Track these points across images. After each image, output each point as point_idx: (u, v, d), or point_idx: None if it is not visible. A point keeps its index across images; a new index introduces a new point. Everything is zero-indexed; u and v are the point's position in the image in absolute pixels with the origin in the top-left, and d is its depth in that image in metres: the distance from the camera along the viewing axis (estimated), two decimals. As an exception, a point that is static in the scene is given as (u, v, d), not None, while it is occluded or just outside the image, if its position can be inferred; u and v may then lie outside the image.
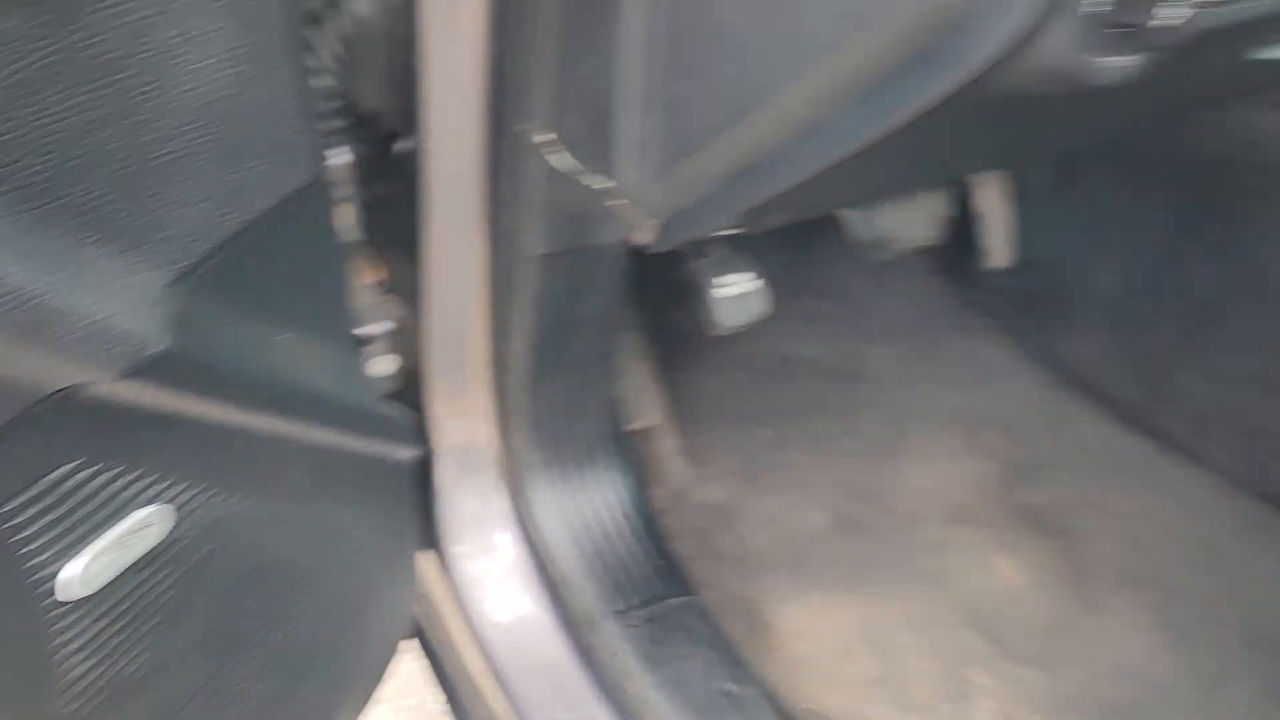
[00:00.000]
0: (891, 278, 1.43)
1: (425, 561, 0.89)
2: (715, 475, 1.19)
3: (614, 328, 0.89)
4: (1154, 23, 0.51)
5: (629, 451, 1.00)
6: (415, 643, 0.91)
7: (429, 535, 0.88)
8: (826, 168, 0.62)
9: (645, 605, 0.87)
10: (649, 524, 0.94)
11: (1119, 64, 0.52)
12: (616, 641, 0.85)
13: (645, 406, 1.13)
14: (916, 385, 1.32)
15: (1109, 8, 0.50)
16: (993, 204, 1.31)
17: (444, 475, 0.88)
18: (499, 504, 0.89)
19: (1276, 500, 1.16)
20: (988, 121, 0.68)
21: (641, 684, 0.82)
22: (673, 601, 0.88)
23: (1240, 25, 0.56)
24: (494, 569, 0.87)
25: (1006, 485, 1.20)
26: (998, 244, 1.34)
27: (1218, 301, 1.18)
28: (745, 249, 0.94)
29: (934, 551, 1.12)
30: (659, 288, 1.10)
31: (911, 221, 1.18)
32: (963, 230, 1.36)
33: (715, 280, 0.88)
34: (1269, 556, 1.12)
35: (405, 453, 0.82)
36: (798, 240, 1.44)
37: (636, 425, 1.12)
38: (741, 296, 0.88)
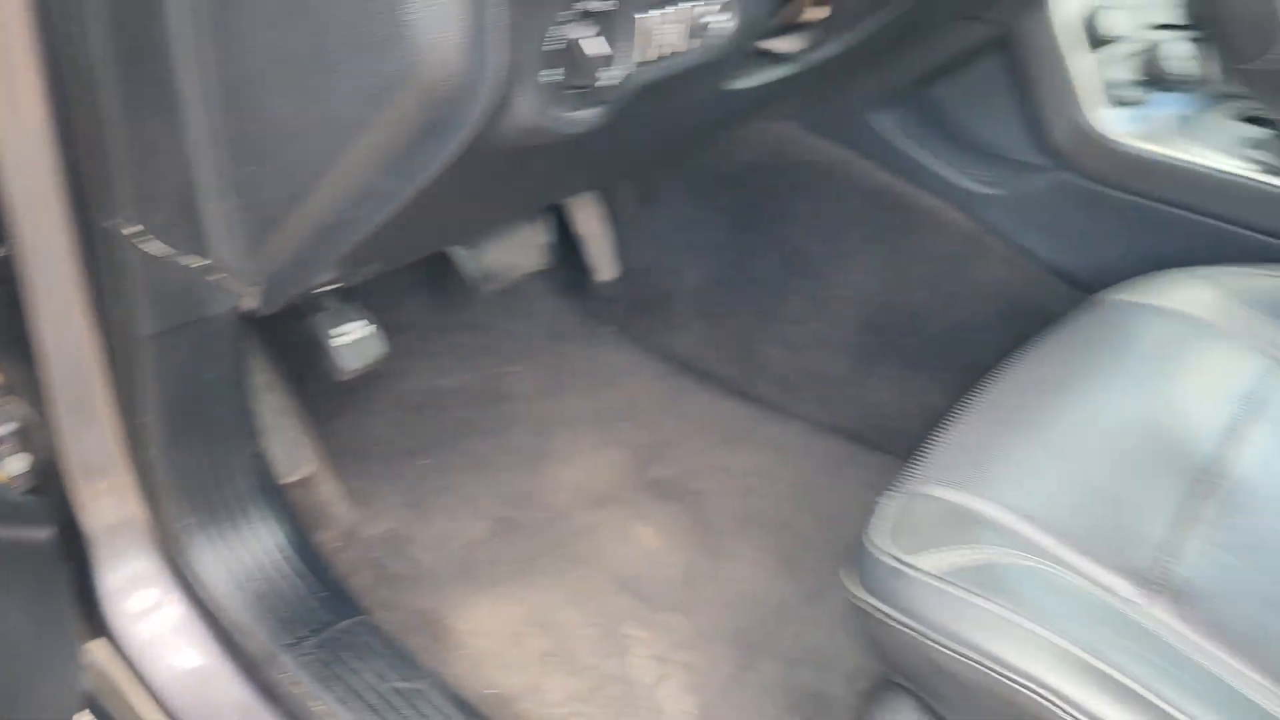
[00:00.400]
0: (516, 303, 1.58)
1: (95, 641, 0.92)
2: (382, 509, 1.28)
3: (245, 389, 0.96)
4: (600, 84, 0.67)
5: (287, 503, 1.07)
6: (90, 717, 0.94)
7: (93, 614, 0.91)
8: (387, 223, 0.74)
9: (316, 634, 0.95)
10: (312, 562, 1.02)
11: (581, 116, 0.68)
12: (294, 671, 0.92)
13: (300, 458, 1.20)
14: (554, 395, 1.48)
15: (561, 78, 0.66)
16: (591, 226, 1.50)
17: (99, 554, 0.92)
18: (159, 570, 0.94)
19: (853, 436, 1.42)
20: (523, 166, 0.83)
21: (323, 704, 0.90)
22: (342, 625, 0.97)
23: (672, 78, 0.74)
24: (164, 631, 0.92)
25: (639, 466, 1.38)
26: (602, 260, 1.53)
27: (778, 282, 1.42)
28: (367, 297, 1.05)
29: (584, 534, 1.27)
30: (295, 344, 1.19)
31: (516, 252, 1.33)
32: (570, 252, 1.53)
33: (332, 330, 0.98)
34: (851, 483, 1.37)
35: (50, 540, 0.85)
36: (431, 281, 1.56)
37: (293, 477, 1.19)
38: (357, 342, 0.98)
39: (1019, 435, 0.85)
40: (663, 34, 0.70)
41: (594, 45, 0.64)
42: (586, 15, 0.65)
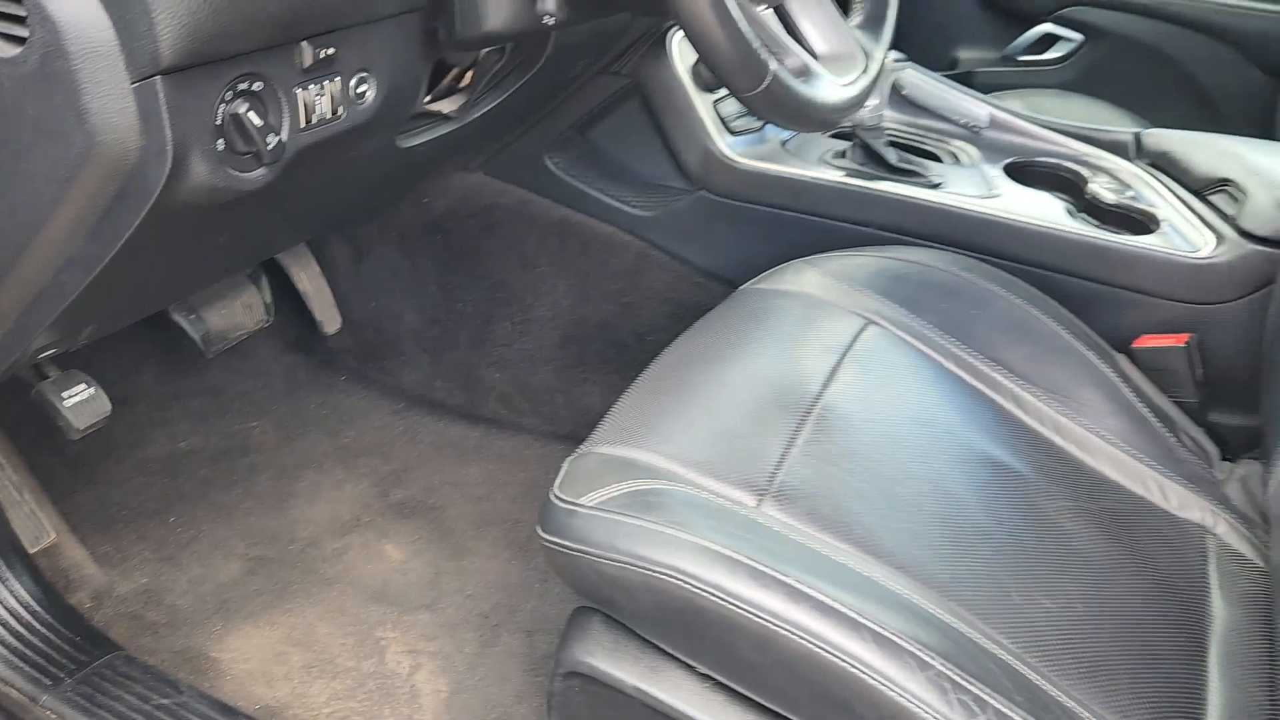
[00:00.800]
0: (248, 364, 1.68)
1: None
2: (133, 567, 1.35)
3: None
4: (265, 149, 0.82)
5: (34, 566, 1.13)
6: None
7: None
8: (95, 285, 0.86)
9: (74, 673, 1.03)
10: (65, 614, 1.09)
11: (253, 176, 0.83)
12: (61, 710, 1.00)
13: (40, 528, 1.26)
14: (295, 443, 1.58)
15: (231, 145, 0.80)
16: (310, 283, 1.62)
17: None
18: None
19: (569, 438, 1.60)
20: (216, 222, 0.96)
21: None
22: (100, 661, 1.05)
23: (333, 140, 0.90)
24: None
25: (381, 493, 1.51)
26: (326, 313, 1.66)
27: (485, 313, 1.60)
28: (102, 372, 1.14)
29: (333, 559, 1.39)
30: (22, 419, 1.25)
31: (238, 313, 1.44)
32: (296, 309, 1.65)
33: (61, 393, 1.07)
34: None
35: None
36: (161, 351, 1.63)
37: (36, 548, 1.24)
38: (84, 401, 1.07)
39: (668, 399, 1.05)
40: (314, 105, 0.86)
41: (255, 118, 0.80)
42: (248, 94, 0.80)
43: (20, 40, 0.72)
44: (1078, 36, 2.13)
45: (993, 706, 0.79)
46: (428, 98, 1.15)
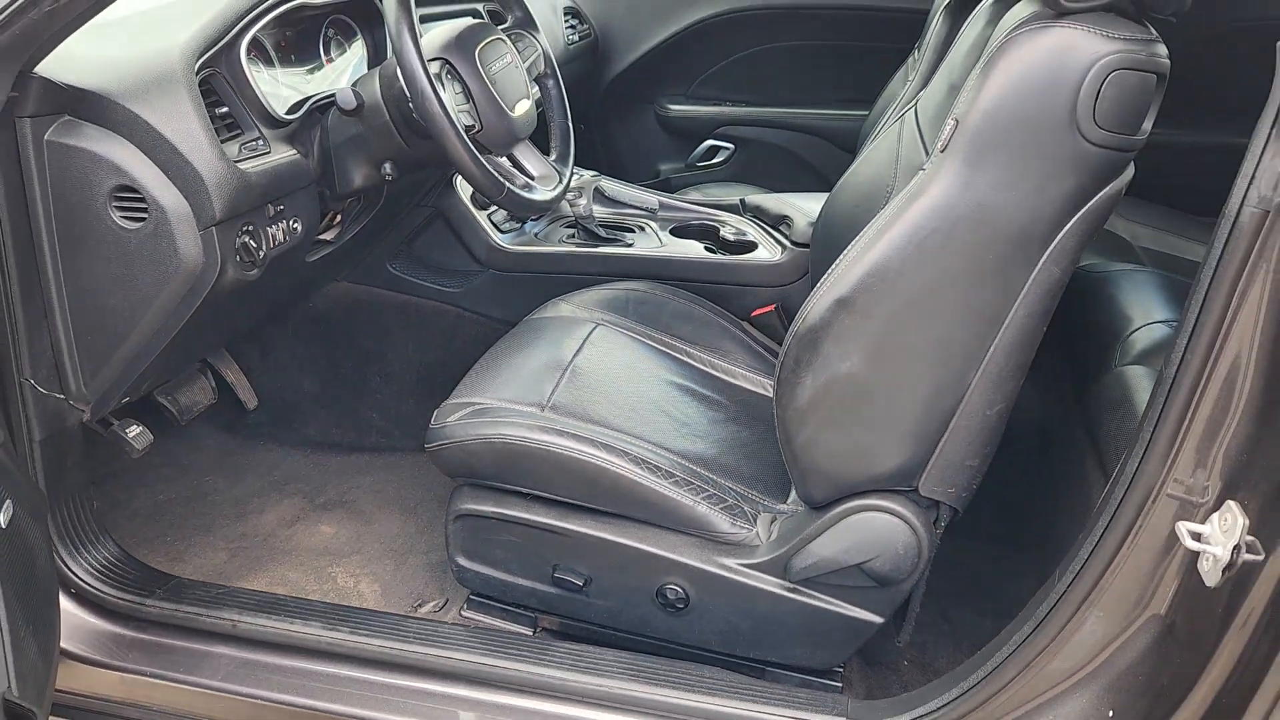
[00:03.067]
0: (197, 439, 2.39)
1: None
2: (197, 564, 2.02)
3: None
4: (259, 258, 1.61)
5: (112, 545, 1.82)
6: None
7: None
8: (166, 348, 1.61)
9: (162, 585, 1.72)
10: (139, 566, 1.78)
11: (252, 274, 1.62)
12: (161, 605, 1.69)
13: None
14: (241, 483, 2.29)
15: (242, 257, 1.59)
16: (233, 374, 2.36)
17: None
18: None
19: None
20: (225, 306, 1.73)
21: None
22: (172, 581, 1.75)
23: (281, 256, 1.70)
24: None
25: (311, 500, 2.24)
26: (246, 394, 2.39)
27: (361, 371, 2.37)
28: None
29: (288, 541, 2.11)
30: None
31: (196, 393, 2.17)
32: (226, 395, 2.38)
33: (124, 431, 1.79)
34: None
35: None
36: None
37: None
38: (139, 434, 1.79)
39: (486, 375, 1.86)
40: (275, 235, 1.67)
41: (252, 243, 1.60)
42: (248, 231, 1.60)
43: (141, 219, 1.50)
44: (730, 146, 3.15)
45: (664, 468, 1.63)
46: (319, 232, 1.96)
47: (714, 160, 3.15)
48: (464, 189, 2.29)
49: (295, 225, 1.73)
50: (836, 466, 1.50)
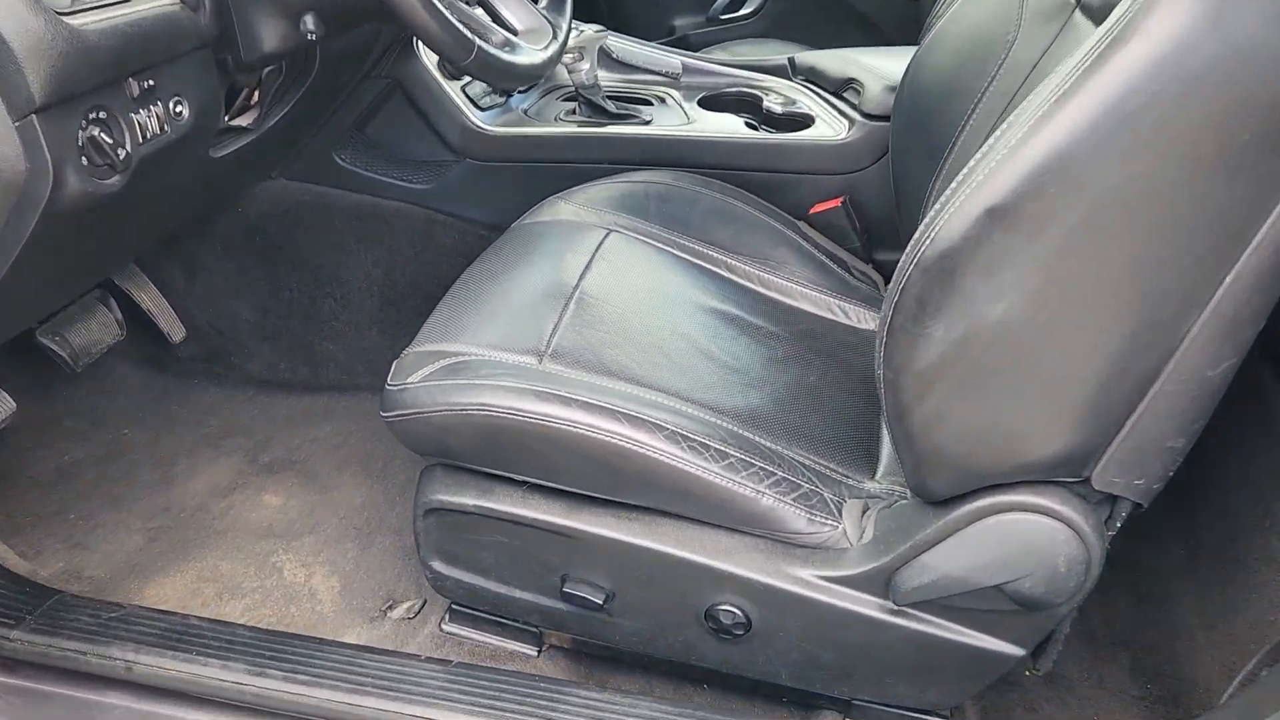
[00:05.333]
0: (112, 382, 1.91)
1: None
2: (50, 556, 1.58)
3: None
4: (117, 160, 1.11)
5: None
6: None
7: None
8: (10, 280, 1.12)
9: (32, 611, 1.27)
10: (9, 577, 1.33)
11: (111, 183, 1.11)
12: (30, 639, 1.24)
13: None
14: (167, 438, 1.83)
15: (91, 160, 1.08)
16: (152, 300, 1.87)
17: None
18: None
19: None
20: (86, 229, 1.23)
21: (52, 644, 1.24)
22: (49, 602, 1.30)
23: (164, 151, 1.19)
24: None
25: (251, 460, 1.78)
26: (171, 324, 1.90)
27: (311, 295, 1.88)
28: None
29: (222, 515, 1.66)
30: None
31: (95, 330, 1.68)
32: (146, 327, 1.89)
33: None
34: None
35: None
36: (30, 383, 1.85)
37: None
38: (-9, 402, 1.32)
39: (463, 308, 1.37)
40: (146, 124, 1.15)
41: (105, 138, 1.08)
42: (98, 121, 1.08)
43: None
44: (762, -8, 2.57)
45: (714, 447, 1.16)
46: (228, 116, 1.44)
47: (741, 12, 2.58)
48: (429, 53, 1.75)
49: (180, 110, 1.21)
50: (972, 450, 1.03)
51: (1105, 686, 1.38)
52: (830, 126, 1.70)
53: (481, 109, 1.77)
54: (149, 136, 1.16)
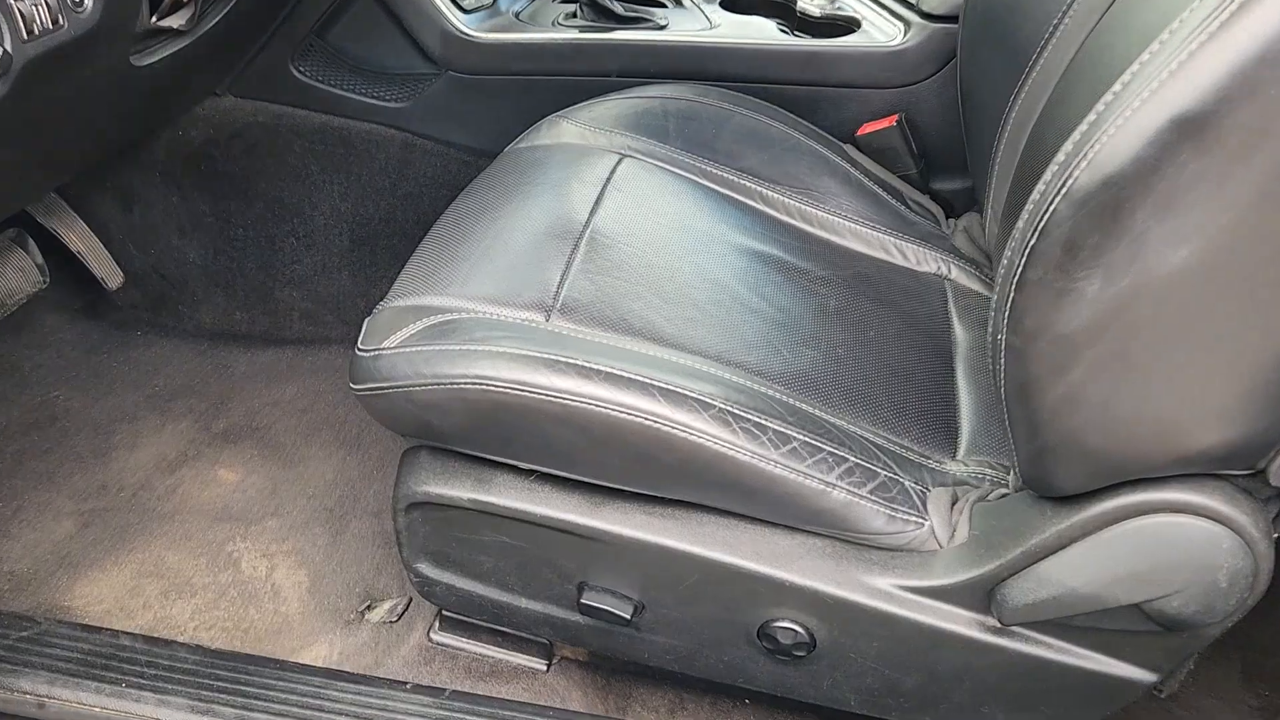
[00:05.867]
0: (37, 337, 1.65)
1: None
2: (-38, 547, 1.33)
3: None
4: (6, 51, 0.84)
5: None
6: None
7: None
8: None
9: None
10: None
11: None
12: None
13: None
14: (104, 400, 1.57)
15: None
16: (81, 240, 1.60)
17: None
18: None
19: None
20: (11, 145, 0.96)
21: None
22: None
23: (63, 52, 0.92)
24: None
25: (203, 426, 1.53)
26: (106, 269, 1.64)
27: (268, 233, 1.61)
28: None
29: (168, 495, 1.41)
30: None
31: (10, 278, 1.42)
32: (76, 272, 1.63)
33: None
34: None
35: None
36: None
37: None
38: None
39: (450, 251, 1.12)
40: (33, 15, 0.88)
41: (-27, 30, 0.81)
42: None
43: None
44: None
45: (772, 428, 0.92)
46: (154, 15, 1.16)
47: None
48: (401, -58, 1.47)
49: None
50: (1118, 437, 0.80)
51: (1217, 694, 1.18)
52: (881, 30, 1.43)
53: (465, 11, 1.49)
54: (37, 32, 0.89)
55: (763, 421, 0.92)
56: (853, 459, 0.94)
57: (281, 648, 1.20)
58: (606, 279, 1.08)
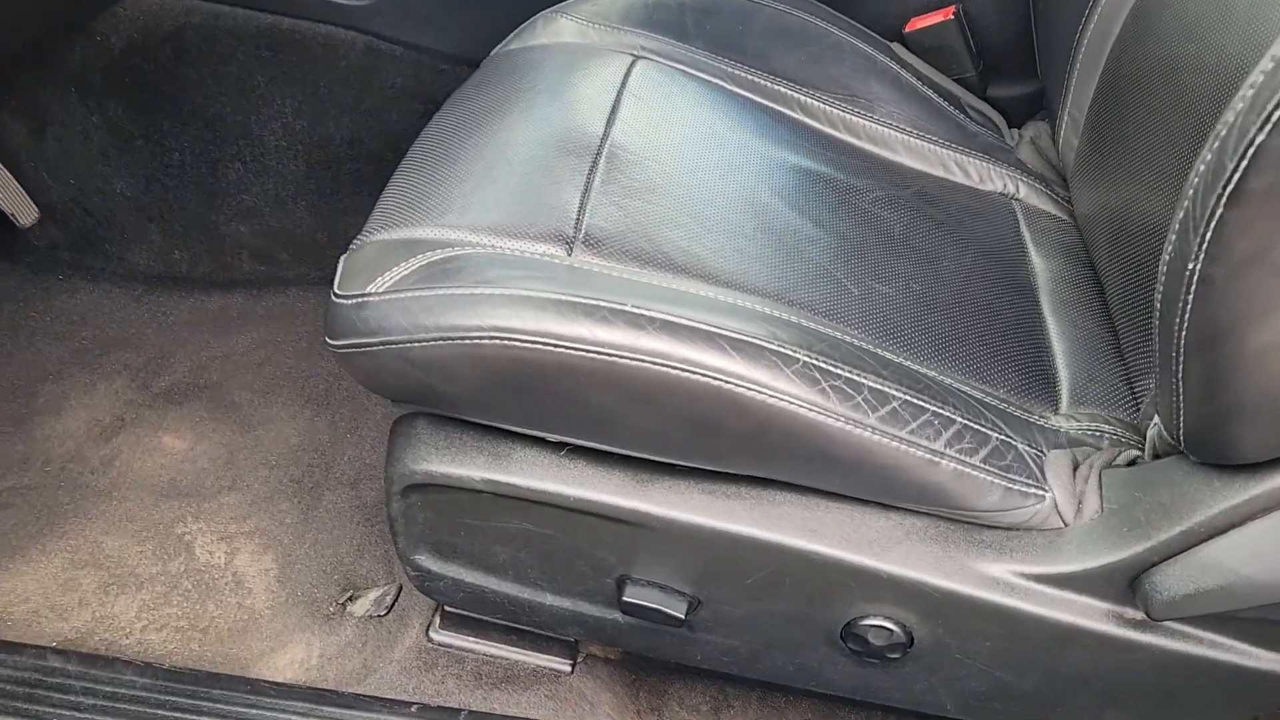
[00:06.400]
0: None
1: None
2: None
3: None
4: None
5: None
6: None
7: None
8: None
9: None
10: None
11: None
12: None
13: None
14: (20, 356, 1.34)
15: None
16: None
17: None
18: None
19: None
20: None
21: None
22: None
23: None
24: None
25: (142, 385, 1.31)
26: (17, 204, 1.39)
27: (209, 157, 1.38)
28: None
29: (104, 468, 1.20)
30: None
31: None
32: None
33: None
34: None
35: None
36: None
37: None
38: None
39: (441, 172, 0.91)
40: None
41: None
42: None
43: None
44: None
45: (867, 385, 0.74)
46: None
47: None
48: None
49: None
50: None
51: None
52: (931, -95, 1.23)
53: (439, -115, 1.25)
54: None
55: (855, 377, 0.74)
56: (960, 420, 0.76)
57: (248, 650, 1.01)
58: (635, 203, 0.88)
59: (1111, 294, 0.97)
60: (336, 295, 0.79)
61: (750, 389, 0.70)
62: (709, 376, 0.70)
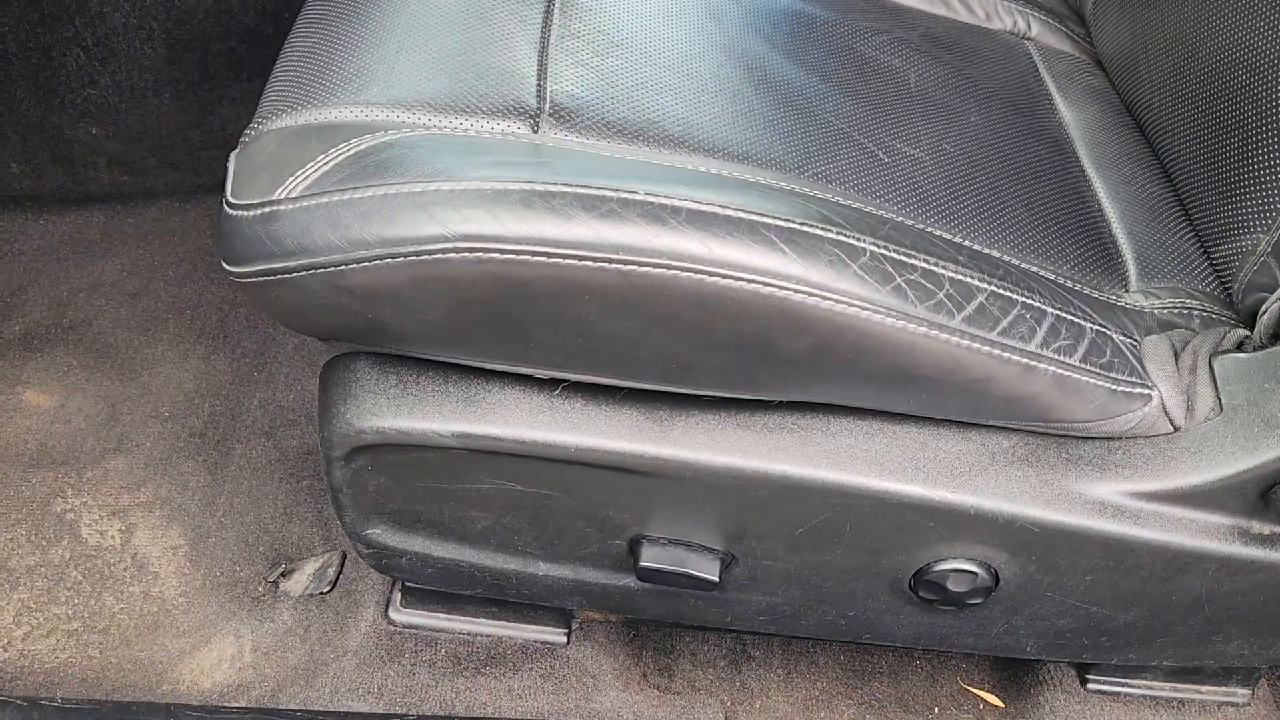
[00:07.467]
0: None
1: None
2: None
3: None
4: None
5: None
6: None
7: None
8: None
9: None
10: None
11: None
12: None
13: None
14: None
15: None
16: None
17: None
18: None
19: (220, 186, 1.20)
20: None
21: None
22: None
23: None
24: None
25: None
26: None
27: (41, 42, 1.11)
28: None
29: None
30: None
31: None
32: None
33: None
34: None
35: None
36: None
37: None
38: None
39: (354, 33, 0.70)
40: None
41: None
42: None
43: None
44: None
45: (947, 276, 0.58)
46: None
47: None
48: None
49: None
50: None
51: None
52: None
53: None
54: None
55: (933, 268, 0.57)
56: (1052, 310, 0.61)
57: (162, 650, 0.83)
58: (608, 62, 0.69)
59: (1168, 143, 0.82)
60: (231, 205, 0.59)
61: (812, 293, 0.53)
62: (759, 282, 0.53)
